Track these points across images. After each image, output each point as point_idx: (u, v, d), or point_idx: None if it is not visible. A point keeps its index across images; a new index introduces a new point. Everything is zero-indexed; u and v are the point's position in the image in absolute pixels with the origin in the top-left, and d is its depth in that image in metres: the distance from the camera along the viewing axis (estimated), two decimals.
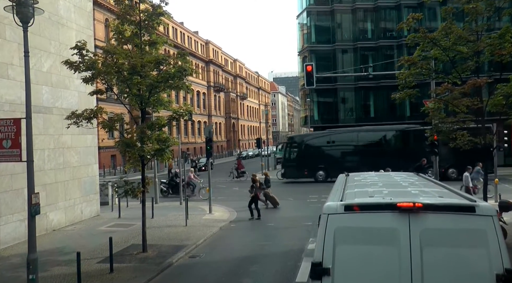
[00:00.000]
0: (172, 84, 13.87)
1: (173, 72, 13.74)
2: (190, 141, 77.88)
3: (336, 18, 44.19)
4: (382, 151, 30.61)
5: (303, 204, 24.28)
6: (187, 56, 14.37)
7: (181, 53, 14.26)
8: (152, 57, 13.46)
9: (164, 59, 13.58)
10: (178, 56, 14.20)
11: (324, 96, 45.21)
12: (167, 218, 20.97)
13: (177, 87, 14.20)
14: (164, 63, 13.71)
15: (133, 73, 13.15)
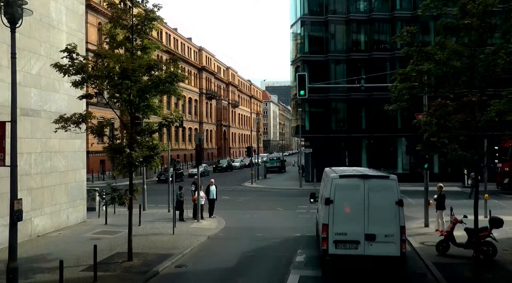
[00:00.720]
0: (163, 89, 13.66)
1: (164, 77, 13.54)
2: (180, 147, 77.47)
3: (330, 28, 44.32)
4: None
5: (293, 215, 24.09)
6: (179, 62, 14.14)
7: (173, 58, 14.09)
8: (144, 62, 13.26)
9: (156, 64, 13.40)
10: (169, 61, 14.01)
11: (316, 106, 45.15)
12: (154, 226, 20.65)
13: (168, 92, 13.99)
14: (156, 68, 13.52)
15: (123, 77, 12.93)
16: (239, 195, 33.11)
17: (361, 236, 11.96)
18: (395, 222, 11.97)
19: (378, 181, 12.56)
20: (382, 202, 12.10)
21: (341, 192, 12.28)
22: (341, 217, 12.12)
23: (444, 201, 18.64)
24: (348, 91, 43.38)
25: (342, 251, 12.06)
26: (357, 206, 12.08)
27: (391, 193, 12.18)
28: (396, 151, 44.19)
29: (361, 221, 11.99)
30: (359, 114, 44.26)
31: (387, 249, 11.88)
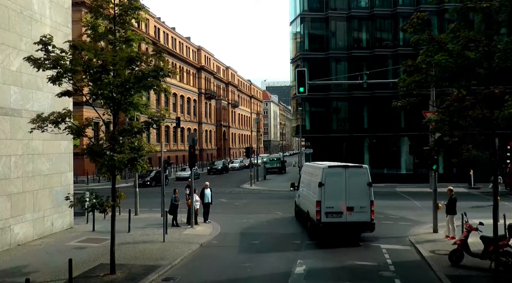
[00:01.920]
0: (146, 84, 12.38)
1: (148, 71, 12.28)
2: (179, 148, 76.21)
3: (330, 25, 43.02)
4: None
5: (292, 219, 22.79)
6: (164, 54, 12.87)
7: (157, 50, 12.79)
8: (125, 54, 11.97)
9: (138, 56, 12.10)
10: (153, 53, 12.73)
11: (316, 105, 43.91)
12: (145, 232, 19.39)
13: (151, 87, 12.71)
14: (138, 61, 12.22)
15: (102, 71, 11.67)
16: (236, 198, 31.84)
17: (344, 208, 16.92)
18: (367, 198, 17.08)
19: (354, 169, 17.56)
20: (357, 184, 16.99)
21: (329, 177, 17.05)
22: (330, 195, 16.87)
23: (455, 205, 17.33)
24: (349, 89, 42.12)
25: (331, 219, 16.87)
26: (340, 187, 16.96)
27: (364, 177, 17.20)
28: (399, 151, 42.90)
29: (343, 197, 16.91)
30: (361, 113, 42.95)
31: (362, 216, 16.99)
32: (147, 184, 41.38)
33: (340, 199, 16.77)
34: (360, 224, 17.01)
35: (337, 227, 16.92)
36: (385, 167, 42.48)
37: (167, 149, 70.60)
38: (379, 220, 21.79)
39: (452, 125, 11.89)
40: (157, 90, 13.41)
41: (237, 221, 22.57)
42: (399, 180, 40.13)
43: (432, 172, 18.94)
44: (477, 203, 26.42)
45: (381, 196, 32.00)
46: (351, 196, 16.83)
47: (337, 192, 16.79)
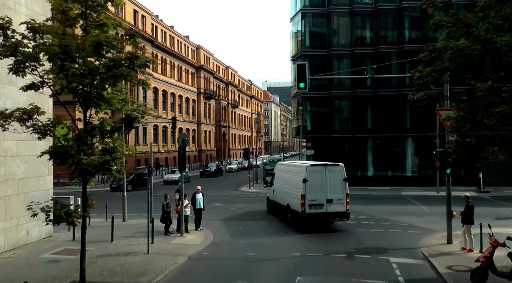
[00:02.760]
0: (116, 74, 10.60)
1: (119, 59, 10.54)
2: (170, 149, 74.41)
3: (332, 21, 41.22)
4: None
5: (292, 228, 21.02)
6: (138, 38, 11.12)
7: (130, 34, 11.00)
8: (91, 38, 10.19)
9: (108, 42, 10.30)
10: (126, 38, 10.96)
11: (318, 105, 42.10)
12: (129, 242, 17.64)
13: (123, 78, 10.96)
14: (107, 47, 10.44)
15: (66, 58, 9.94)
16: (233, 202, 30.07)
17: (324, 201, 19.36)
18: (343, 191, 19.67)
19: (332, 167, 20.15)
20: (335, 180, 19.64)
21: (312, 174, 19.58)
22: (312, 190, 19.29)
23: (473, 214, 15.52)
24: (352, 88, 40.33)
25: (314, 210, 19.26)
26: (321, 182, 19.47)
27: (341, 174, 19.91)
28: (404, 153, 41.05)
29: (324, 191, 19.40)
30: (364, 112, 41.14)
31: (339, 207, 19.50)
32: (115, 188, 37.27)
33: (321, 192, 19.45)
34: (338, 213, 19.72)
35: (319, 216, 19.58)
36: (389, 170, 40.70)
37: (165, 150, 68.90)
38: (386, 228, 20.07)
39: (475, 123, 10.12)
40: (135, 83, 11.65)
41: (232, 228, 20.84)
42: (404, 183, 38.37)
43: (446, 176, 17.08)
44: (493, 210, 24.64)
45: (386, 201, 30.26)
46: (330, 190, 19.55)
47: (318, 186, 19.45)
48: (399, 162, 40.77)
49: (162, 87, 68.29)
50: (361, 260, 14.75)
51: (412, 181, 38.89)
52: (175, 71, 73.97)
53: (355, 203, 28.58)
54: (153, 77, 64.02)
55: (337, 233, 19.47)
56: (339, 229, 20.18)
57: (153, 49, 64.81)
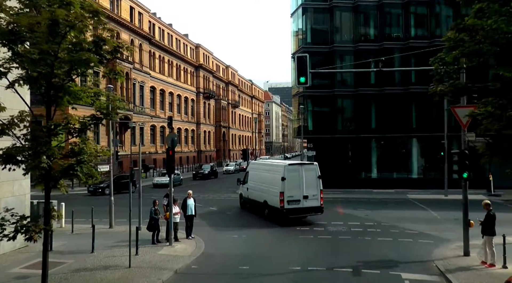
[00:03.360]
0: (74, 59, 8.82)
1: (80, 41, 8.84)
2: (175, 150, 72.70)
3: (334, 16, 39.50)
4: None
5: (292, 235, 19.33)
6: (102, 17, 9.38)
7: (94, 10, 9.14)
8: (46, 14, 8.36)
9: (66, 20, 8.50)
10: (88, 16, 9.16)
11: (319, 103, 40.37)
12: (111, 253, 15.96)
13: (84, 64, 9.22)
14: (66, 27, 8.66)
15: (15, 40, 8.24)
16: (229, 206, 28.37)
17: (301, 197, 21.03)
18: (317, 188, 21.48)
19: (308, 166, 22.35)
20: (310, 178, 21.35)
21: (289, 173, 21.17)
22: (290, 187, 20.86)
23: (494, 224, 13.79)
24: (355, 86, 38.59)
25: (292, 206, 20.87)
26: (298, 180, 21.10)
27: (315, 172, 21.68)
28: (409, 154, 39.30)
29: (300, 188, 21.03)
30: (368, 112, 39.38)
31: (314, 203, 21.29)
32: (99, 192, 35.36)
33: (298, 189, 21.16)
34: (313, 208, 21.61)
35: (296, 211, 21.25)
36: (394, 171, 38.97)
37: (163, 151, 67.24)
38: (395, 236, 18.36)
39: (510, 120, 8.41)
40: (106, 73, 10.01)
41: (227, 236, 19.16)
42: (410, 185, 36.64)
43: (462, 181, 15.35)
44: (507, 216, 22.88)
45: (393, 205, 28.53)
46: (306, 187, 21.29)
47: (295, 184, 21.18)
48: (404, 164, 39.05)
49: (160, 86, 66.68)
50: (369, 276, 13.03)
51: (418, 183, 37.17)
52: (173, 70, 72.36)
53: (360, 208, 26.97)
54: (150, 76, 62.47)
55: (342, 242, 17.75)
56: (345, 237, 18.44)
57: (151, 47, 63.22)
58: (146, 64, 60.95)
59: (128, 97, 53.50)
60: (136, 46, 58.38)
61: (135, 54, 57.86)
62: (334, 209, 26.58)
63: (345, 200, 31.46)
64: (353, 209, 26.44)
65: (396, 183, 37.36)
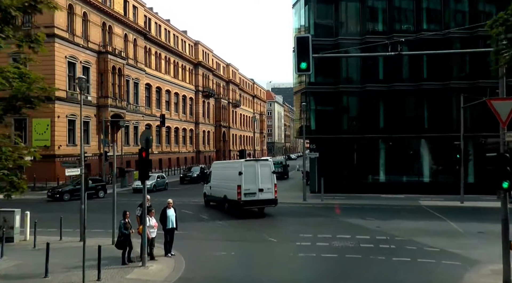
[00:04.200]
0: None
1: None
2: (165, 150, 69.93)
3: (340, 6, 36.42)
4: None
5: (290, 251, 16.41)
6: None
7: None
8: None
9: None
10: None
11: (323, 101, 37.26)
12: (70, 276, 13.11)
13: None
14: None
15: None
16: (222, 214, 25.45)
17: (256, 190, 23.46)
18: (271, 182, 23.89)
19: (263, 162, 24.86)
20: (265, 172, 23.78)
21: (246, 168, 23.51)
22: (247, 181, 23.28)
23: None
24: (362, 82, 35.57)
25: (248, 198, 23.37)
26: (254, 175, 23.45)
27: (269, 167, 24.25)
28: (421, 156, 36.20)
29: (256, 182, 23.41)
30: (375, 110, 36.25)
31: (269, 195, 23.76)
32: (57, 198, 32.07)
33: (254, 183, 23.21)
34: (268, 200, 23.77)
35: (252, 203, 23.53)
36: (404, 175, 35.94)
37: (159, 151, 64.43)
38: (413, 255, 15.32)
39: None
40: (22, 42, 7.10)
41: (214, 253, 16.26)
42: (421, 190, 33.68)
43: (502, 192, 12.36)
44: None
45: (405, 214, 25.48)
46: (261, 181, 23.32)
47: (251, 178, 23.15)
48: (414, 167, 36.00)
49: (156, 83, 63.86)
50: None
51: (430, 188, 34.17)
52: (170, 67, 69.55)
53: (368, 216, 23.97)
54: (146, 72, 59.68)
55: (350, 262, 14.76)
56: (353, 256, 15.44)
57: (146, 42, 60.43)
58: (141, 60, 58.16)
59: (121, 94, 50.66)
60: (130, 41, 55.61)
61: (129, 49, 55.11)
62: (339, 219, 23.66)
63: (350, 207, 28.50)
64: (360, 218, 23.44)
65: (406, 187, 34.39)
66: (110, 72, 48.35)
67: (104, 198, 33.03)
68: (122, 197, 31.17)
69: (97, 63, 47.65)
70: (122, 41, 53.16)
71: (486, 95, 28.84)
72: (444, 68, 34.45)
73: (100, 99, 47.88)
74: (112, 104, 48.68)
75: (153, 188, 38.50)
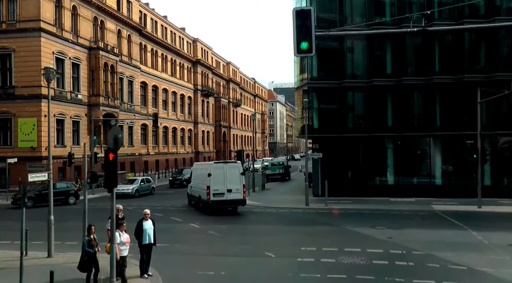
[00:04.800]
0: None
1: None
2: (162, 151, 67.58)
3: None
4: None
5: (290, 269, 13.91)
6: None
7: None
8: None
9: None
10: None
11: (326, 98, 34.46)
12: None
13: None
14: None
15: None
16: (216, 221, 23.01)
17: (225, 190, 24.60)
18: (240, 183, 24.98)
19: (231, 164, 26.46)
20: (233, 174, 24.99)
21: (215, 170, 24.85)
22: (216, 182, 24.43)
23: None
24: (369, 76, 32.91)
25: (217, 198, 24.48)
26: (222, 176, 24.68)
27: (238, 169, 25.50)
28: (432, 156, 33.47)
29: (224, 183, 24.57)
30: (383, 107, 33.53)
31: (237, 196, 24.83)
32: (18, 204, 26.83)
33: (222, 184, 24.42)
34: (236, 200, 24.94)
35: (221, 203, 24.69)
36: (414, 176, 33.32)
37: (155, 152, 62.06)
38: (437, 277, 12.64)
39: None
40: None
41: (199, 271, 13.76)
42: (432, 193, 31.10)
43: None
44: None
45: (419, 221, 22.93)
46: (229, 182, 24.57)
47: (220, 179, 24.45)
48: (425, 167, 33.31)
49: (152, 82, 61.46)
50: None
51: (443, 191, 31.57)
52: (168, 65, 67.15)
53: (379, 225, 21.36)
54: (141, 70, 57.34)
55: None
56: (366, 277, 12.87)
57: (141, 39, 58.04)
58: (135, 57, 55.75)
59: (113, 93, 48.22)
60: (124, 37, 53.20)
61: (122, 45, 52.71)
62: (346, 227, 21.10)
63: (357, 212, 25.98)
64: (370, 227, 20.81)
65: (416, 190, 31.82)
66: (102, 69, 45.93)
67: (76, 204, 30.12)
68: (99, 202, 28.80)
69: (88, 60, 45.23)
70: (115, 37, 50.74)
71: (503, 89, 26.37)
72: (458, 60, 31.69)
73: (92, 98, 45.46)
74: (104, 103, 46.27)
75: (135, 193, 35.06)
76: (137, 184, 36.34)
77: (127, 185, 36.31)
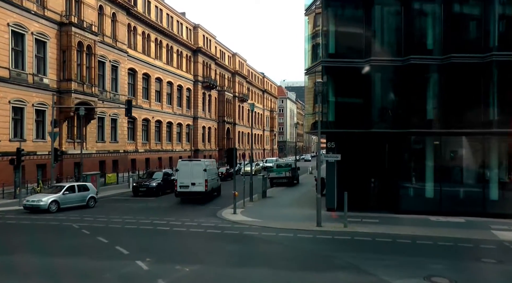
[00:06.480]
0: None
1: None
2: (154, 148, 60.22)
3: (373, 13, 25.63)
4: None
5: None
6: None
7: None
8: None
9: None
10: None
11: (345, 82, 26.46)
12: None
13: None
14: None
15: None
16: (187, 253, 15.30)
17: (189, 183, 29.50)
18: (202, 178, 29.52)
19: (195, 162, 31.25)
20: (197, 170, 29.65)
21: (181, 166, 30.04)
22: (182, 176, 29.58)
23: None
24: (405, 52, 24.94)
25: (182, 190, 29.62)
26: (188, 172, 29.51)
27: (201, 166, 29.94)
28: (486, 161, 25.19)
29: (189, 177, 29.47)
30: (421, 94, 25.55)
31: (200, 188, 29.54)
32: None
33: (188, 178, 29.49)
34: (199, 192, 29.74)
35: (186, 193, 29.83)
36: (461, 187, 25.19)
37: (145, 149, 54.55)
38: None
39: None
40: None
41: None
42: (486, 211, 23.39)
43: None
44: None
45: (491, 260, 14.42)
46: (194, 176, 29.50)
47: (186, 174, 29.53)
48: (477, 176, 25.14)
49: (143, 69, 53.94)
50: None
51: (500, 206, 23.65)
52: (163, 52, 59.65)
53: (434, 269, 12.46)
54: (128, 54, 49.79)
55: None
56: None
57: (130, 19, 50.53)
58: (122, 40, 48.28)
59: (90, 78, 40.74)
60: (108, 15, 45.70)
61: (105, 25, 45.21)
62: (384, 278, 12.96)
63: (392, 241, 18.02)
64: (424, 278, 12.59)
65: (463, 206, 23.99)
66: (75, 49, 38.52)
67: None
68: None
69: (58, 38, 37.85)
70: (95, 14, 43.29)
71: None
72: None
73: (62, 83, 38.11)
74: (78, 90, 38.85)
75: (49, 207, 24.95)
76: (58, 193, 26.10)
77: (47, 195, 25.98)
